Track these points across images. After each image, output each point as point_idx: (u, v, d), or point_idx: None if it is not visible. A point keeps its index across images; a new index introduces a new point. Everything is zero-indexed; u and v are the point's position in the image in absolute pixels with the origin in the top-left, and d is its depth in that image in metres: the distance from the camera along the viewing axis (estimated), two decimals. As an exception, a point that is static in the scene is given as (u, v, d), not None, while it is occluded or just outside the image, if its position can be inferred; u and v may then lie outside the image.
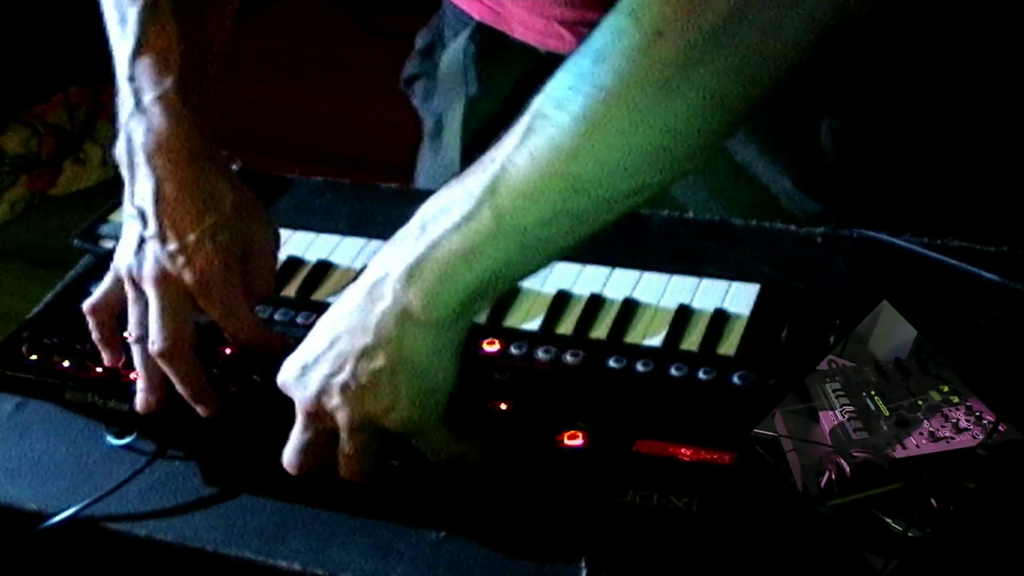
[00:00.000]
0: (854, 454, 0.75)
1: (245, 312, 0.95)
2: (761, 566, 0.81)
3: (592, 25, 0.77)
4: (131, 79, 0.97)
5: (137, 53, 0.97)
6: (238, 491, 0.92)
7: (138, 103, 0.96)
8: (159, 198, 0.93)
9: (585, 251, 1.08)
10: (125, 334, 0.95)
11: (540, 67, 1.19)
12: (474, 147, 1.25)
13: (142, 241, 0.93)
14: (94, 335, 0.97)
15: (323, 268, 1.09)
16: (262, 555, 0.87)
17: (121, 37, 0.98)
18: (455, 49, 1.26)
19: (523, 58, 1.19)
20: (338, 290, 1.06)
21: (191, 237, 0.92)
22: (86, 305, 0.96)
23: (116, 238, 1.11)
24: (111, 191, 1.12)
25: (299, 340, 0.95)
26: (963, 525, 0.76)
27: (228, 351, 0.96)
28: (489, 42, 1.23)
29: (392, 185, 1.23)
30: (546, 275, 1.05)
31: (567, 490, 0.86)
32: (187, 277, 0.92)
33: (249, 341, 0.95)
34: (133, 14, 0.98)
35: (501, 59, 1.23)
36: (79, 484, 0.93)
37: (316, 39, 2.95)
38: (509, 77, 1.23)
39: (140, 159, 0.94)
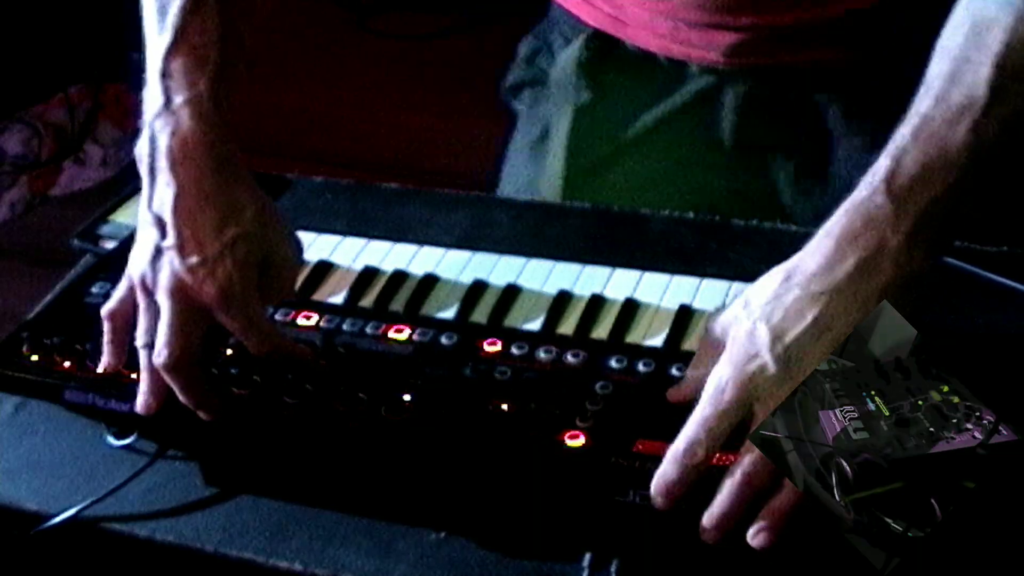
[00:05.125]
0: (854, 454, 0.75)
1: (264, 324, 0.94)
2: (761, 566, 0.81)
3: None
4: (164, 75, 0.93)
5: (173, 49, 0.93)
6: (238, 491, 0.92)
7: (167, 102, 0.93)
8: (179, 207, 0.91)
9: (586, 251, 1.09)
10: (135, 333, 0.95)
11: (657, 76, 1.18)
12: (580, 156, 1.25)
13: (159, 251, 0.91)
14: (106, 337, 0.95)
15: (323, 268, 1.09)
16: (262, 555, 0.87)
17: (158, 29, 0.95)
18: (568, 56, 1.24)
19: (639, 67, 1.18)
20: (338, 290, 1.06)
21: (211, 251, 0.90)
22: (104, 310, 0.95)
23: (116, 238, 1.12)
24: (111, 191, 1.12)
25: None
26: (963, 525, 0.77)
27: (228, 351, 0.96)
28: (604, 50, 1.21)
29: (392, 185, 1.23)
30: (547, 275, 1.05)
31: (568, 490, 0.86)
32: (206, 292, 0.90)
33: (269, 352, 0.93)
34: (175, 5, 0.94)
35: (616, 68, 1.21)
36: (79, 484, 0.93)
37: (316, 39, 2.95)
38: (623, 87, 1.22)
39: (163, 164, 0.92)
